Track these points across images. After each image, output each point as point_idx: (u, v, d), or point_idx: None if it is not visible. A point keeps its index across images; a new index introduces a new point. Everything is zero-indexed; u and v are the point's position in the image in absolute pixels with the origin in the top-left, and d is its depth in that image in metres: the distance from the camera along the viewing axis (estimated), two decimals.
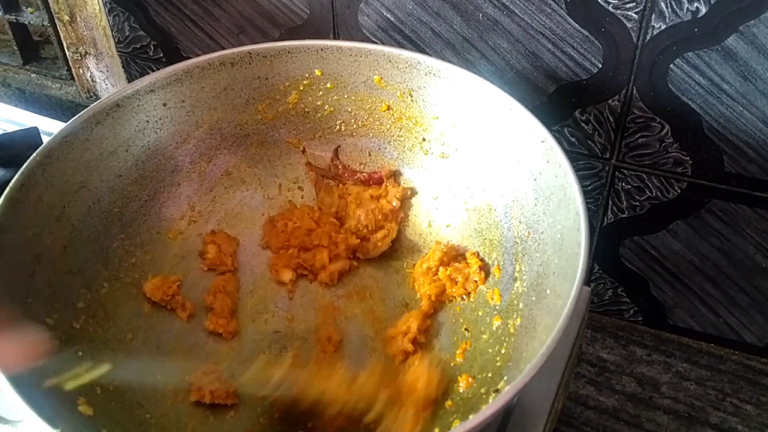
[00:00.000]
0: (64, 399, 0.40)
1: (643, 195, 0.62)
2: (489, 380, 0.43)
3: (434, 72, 0.53)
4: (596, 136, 0.61)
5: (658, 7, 0.53)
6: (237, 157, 0.57)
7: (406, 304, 0.54)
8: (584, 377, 0.66)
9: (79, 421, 0.40)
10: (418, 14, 0.62)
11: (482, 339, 0.48)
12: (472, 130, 0.53)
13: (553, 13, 0.57)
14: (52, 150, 0.48)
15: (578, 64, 0.58)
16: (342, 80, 0.56)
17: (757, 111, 0.54)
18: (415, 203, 0.57)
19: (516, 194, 0.50)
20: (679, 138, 0.58)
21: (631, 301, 0.70)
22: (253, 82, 0.55)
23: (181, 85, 0.53)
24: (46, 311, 0.45)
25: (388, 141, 0.57)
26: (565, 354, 0.50)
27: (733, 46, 0.52)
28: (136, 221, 0.53)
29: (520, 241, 0.49)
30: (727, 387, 0.65)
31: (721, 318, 0.66)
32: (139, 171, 0.53)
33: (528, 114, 0.48)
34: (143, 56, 0.80)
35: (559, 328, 0.37)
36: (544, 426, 0.47)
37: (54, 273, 0.46)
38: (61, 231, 0.48)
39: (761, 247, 0.61)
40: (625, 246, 0.66)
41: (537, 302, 0.44)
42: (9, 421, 0.49)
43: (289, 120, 0.57)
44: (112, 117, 0.51)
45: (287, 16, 0.68)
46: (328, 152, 0.59)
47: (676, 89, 0.56)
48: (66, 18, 0.83)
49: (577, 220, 0.42)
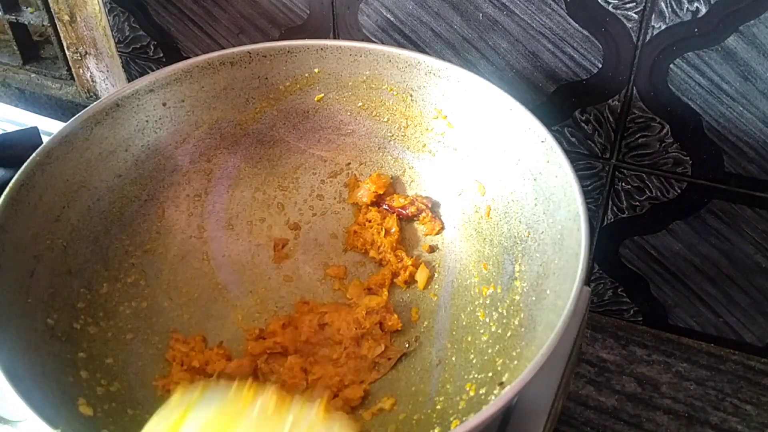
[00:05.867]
0: (64, 399, 0.40)
1: (643, 195, 0.62)
2: (489, 380, 0.43)
3: (434, 72, 0.53)
4: (596, 136, 0.61)
5: (658, 7, 0.53)
6: (237, 157, 0.57)
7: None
8: (584, 377, 0.66)
9: (79, 421, 0.40)
10: (418, 14, 0.62)
11: (482, 339, 0.48)
12: (472, 130, 0.53)
13: (553, 13, 0.57)
14: (52, 150, 0.47)
15: (578, 64, 0.58)
16: (342, 80, 0.56)
17: (757, 111, 0.54)
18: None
19: (516, 194, 0.50)
20: (679, 138, 0.58)
21: (631, 301, 0.70)
22: (253, 81, 0.55)
23: (180, 85, 0.53)
24: (46, 311, 0.45)
25: (388, 141, 0.57)
26: (565, 354, 0.50)
27: (733, 46, 0.52)
28: (136, 221, 0.53)
29: (520, 241, 0.49)
30: (727, 387, 0.65)
31: (721, 318, 0.66)
32: (139, 171, 0.53)
33: (528, 114, 0.48)
34: (143, 56, 0.80)
35: (559, 328, 0.37)
36: (544, 426, 0.47)
37: (54, 273, 0.46)
38: (61, 231, 0.48)
39: (761, 247, 0.61)
40: (625, 246, 0.66)
41: (537, 302, 0.44)
42: (9, 421, 0.49)
43: (289, 120, 0.57)
44: (112, 117, 0.51)
45: (287, 16, 0.68)
46: (328, 152, 0.59)
47: (676, 89, 0.56)
48: (66, 18, 0.83)
49: (577, 220, 0.42)
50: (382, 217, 0.56)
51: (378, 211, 0.57)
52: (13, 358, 0.39)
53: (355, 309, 0.53)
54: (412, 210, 0.56)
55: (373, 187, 0.56)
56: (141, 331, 0.50)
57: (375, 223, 0.56)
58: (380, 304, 0.53)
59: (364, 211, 0.57)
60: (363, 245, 0.57)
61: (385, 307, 0.53)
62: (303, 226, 0.59)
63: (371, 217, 0.57)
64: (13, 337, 0.41)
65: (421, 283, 0.54)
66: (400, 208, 0.56)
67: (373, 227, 0.56)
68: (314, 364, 0.51)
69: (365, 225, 0.57)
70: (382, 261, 0.56)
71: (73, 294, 0.47)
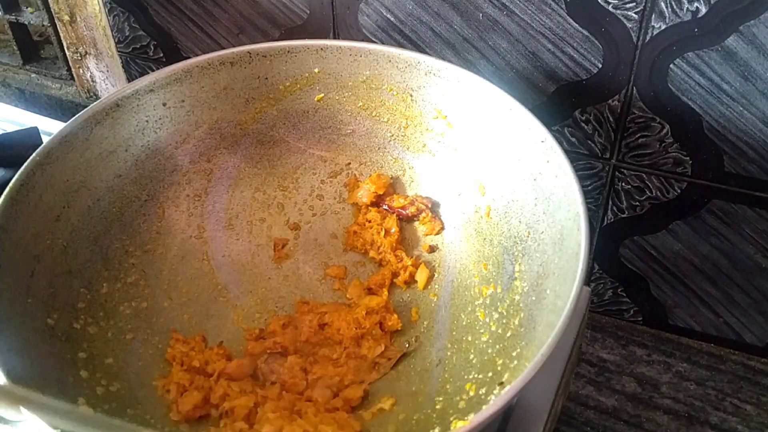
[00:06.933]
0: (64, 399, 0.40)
1: (643, 195, 0.62)
2: (489, 380, 0.43)
3: (434, 72, 0.53)
4: (596, 136, 0.61)
5: (658, 7, 0.53)
6: (237, 157, 0.57)
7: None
8: (584, 377, 0.66)
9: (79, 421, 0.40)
10: (418, 14, 0.62)
11: (482, 339, 0.48)
12: (472, 130, 0.53)
13: (553, 13, 0.57)
14: (52, 150, 0.47)
15: (578, 64, 0.58)
16: (342, 80, 0.56)
17: (757, 111, 0.54)
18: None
19: (516, 194, 0.50)
20: (679, 138, 0.58)
21: (631, 301, 0.70)
22: (253, 81, 0.55)
23: (180, 85, 0.53)
24: (46, 311, 0.45)
25: (388, 141, 0.57)
26: (565, 354, 0.50)
27: (733, 46, 0.52)
28: (136, 221, 0.53)
29: (519, 241, 0.49)
30: (727, 387, 0.65)
31: (721, 318, 0.66)
32: (139, 171, 0.53)
33: (528, 114, 0.48)
34: (143, 56, 0.80)
35: (559, 328, 0.37)
36: (544, 426, 0.47)
37: (54, 273, 0.46)
38: (61, 231, 0.48)
39: (761, 247, 0.61)
40: (625, 246, 0.66)
41: (537, 302, 0.44)
42: (9, 421, 0.49)
43: (289, 120, 0.57)
44: (112, 117, 0.51)
45: (287, 16, 0.68)
46: (328, 152, 0.59)
47: (676, 89, 0.56)
48: (66, 18, 0.83)
49: (577, 220, 0.42)
50: (382, 218, 0.56)
51: (378, 211, 0.57)
52: (13, 358, 0.39)
53: (355, 309, 0.53)
54: (412, 210, 0.56)
55: (373, 187, 0.56)
56: (141, 331, 0.50)
57: (375, 224, 0.56)
58: (380, 304, 0.53)
59: (364, 211, 0.57)
60: (363, 245, 0.57)
61: (385, 307, 0.53)
62: (303, 226, 0.59)
63: (371, 218, 0.57)
64: (13, 337, 0.41)
65: (421, 283, 0.54)
66: (400, 209, 0.56)
67: (373, 227, 0.56)
68: (314, 363, 0.51)
69: (365, 225, 0.57)
70: (382, 261, 0.56)
71: (73, 294, 0.47)
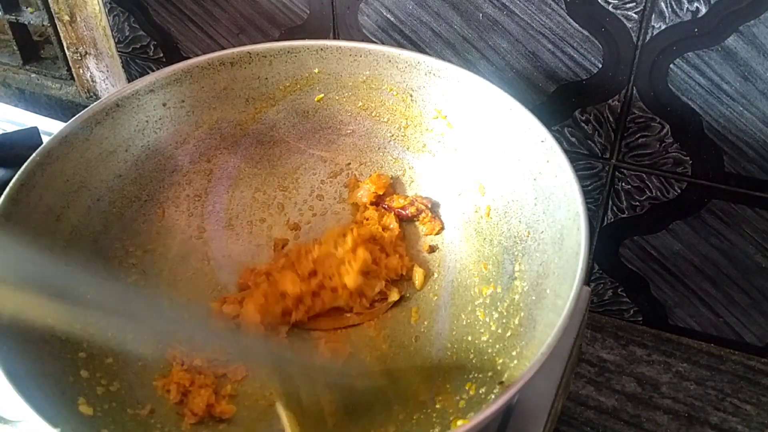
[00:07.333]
0: (64, 399, 0.40)
1: (643, 195, 0.62)
2: (489, 380, 0.43)
3: (434, 72, 0.53)
4: (596, 136, 0.61)
5: (658, 7, 0.53)
6: (237, 157, 0.57)
7: None
8: (584, 377, 0.66)
9: (79, 421, 0.40)
10: (418, 14, 0.62)
11: (482, 339, 0.48)
12: (472, 130, 0.53)
13: (553, 13, 0.57)
14: (52, 150, 0.47)
15: (578, 64, 0.58)
16: (342, 80, 0.56)
17: (757, 111, 0.54)
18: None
19: (516, 194, 0.50)
20: (679, 138, 0.58)
21: (631, 301, 0.70)
22: (253, 82, 0.55)
23: (180, 85, 0.53)
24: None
25: (388, 141, 0.57)
26: (565, 354, 0.50)
27: (733, 46, 0.52)
28: (136, 221, 0.53)
29: (519, 241, 0.49)
30: (727, 387, 0.65)
31: (721, 318, 0.66)
32: (139, 171, 0.53)
33: (528, 114, 0.48)
34: (143, 56, 0.80)
35: (559, 328, 0.37)
36: (544, 426, 0.47)
37: None
38: (61, 231, 0.48)
39: (761, 247, 0.61)
40: (625, 246, 0.66)
41: (537, 302, 0.44)
42: (9, 421, 0.49)
43: (289, 120, 0.57)
44: (112, 117, 0.51)
45: (287, 16, 0.68)
46: (328, 152, 0.59)
47: (676, 89, 0.56)
48: (66, 18, 0.83)
49: (577, 219, 0.42)
50: (380, 216, 0.56)
51: (376, 209, 0.57)
52: (13, 358, 0.39)
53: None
54: (411, 210, 0.56)
55: (373, 187, 0.56)
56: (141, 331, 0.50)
57: (373, 220, 0.56)
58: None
59: (362, 210, 0.57)
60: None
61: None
62: (303, 226, 0.59)
63: (369, 215, 0.57)
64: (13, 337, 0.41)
65: (419, 282, 0.54)
66: (400, 209, 0.56)
67: (371, 224, 0.56)
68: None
69: (363, 223, 0.57)
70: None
71: None
